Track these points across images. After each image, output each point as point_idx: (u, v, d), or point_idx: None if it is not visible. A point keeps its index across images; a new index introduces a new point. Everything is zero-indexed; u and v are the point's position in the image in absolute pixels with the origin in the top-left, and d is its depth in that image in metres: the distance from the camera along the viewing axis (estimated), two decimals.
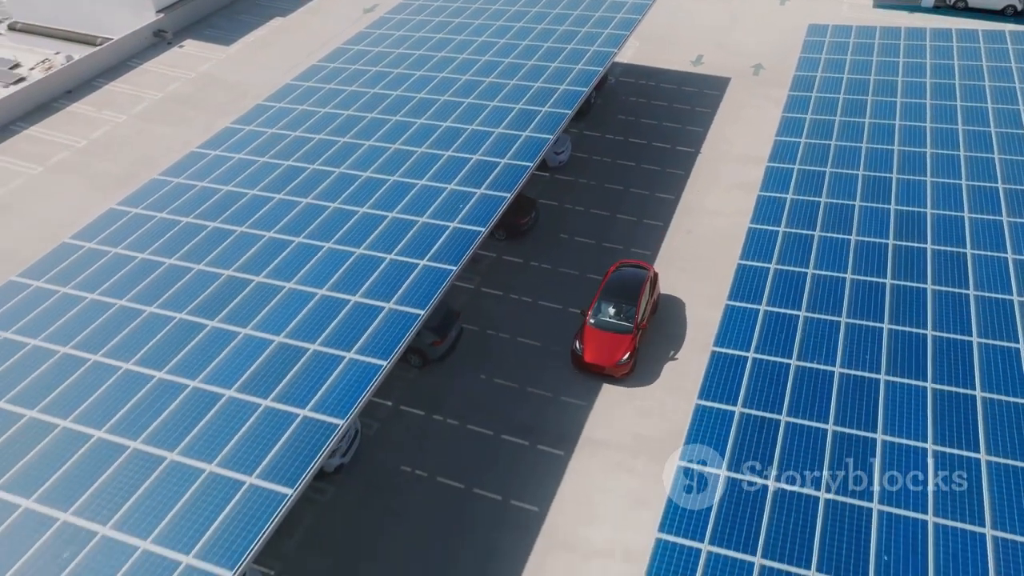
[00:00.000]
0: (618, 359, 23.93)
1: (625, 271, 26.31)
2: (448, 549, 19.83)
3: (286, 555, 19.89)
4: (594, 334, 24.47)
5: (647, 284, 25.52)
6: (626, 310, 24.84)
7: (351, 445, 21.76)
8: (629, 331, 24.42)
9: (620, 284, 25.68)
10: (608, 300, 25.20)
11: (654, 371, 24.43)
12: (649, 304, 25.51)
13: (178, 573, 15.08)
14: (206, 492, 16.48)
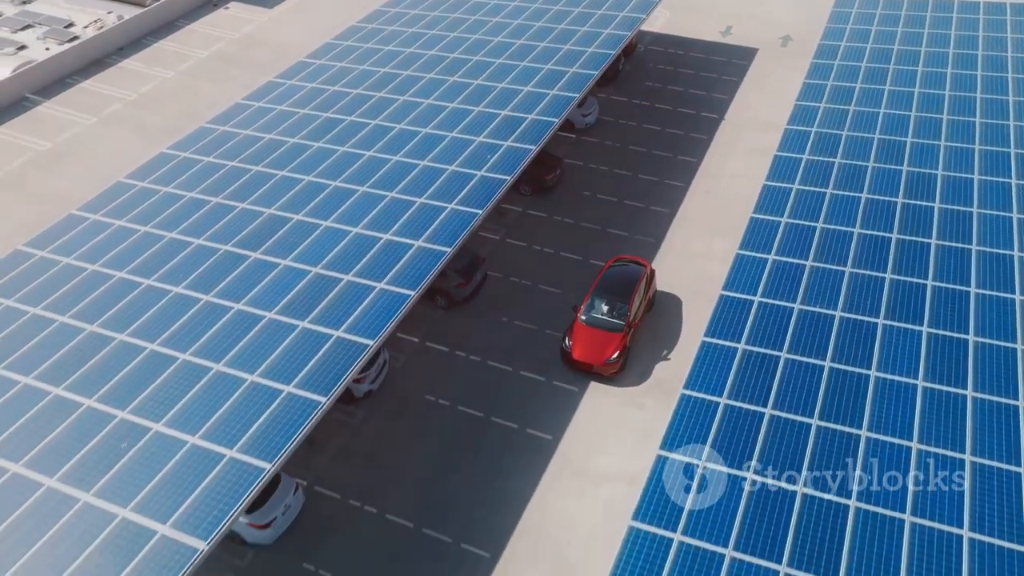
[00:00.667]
0: (607, 357, 23.36)
1: (620, 268, 25.69)
2: (465, 468, 21.36)
3: (317, 468, 21.56)
4: (584, 331, 23.94)
5: (642, 282, 24.92)
6: (618, 308, 24.20)
7: (379, 373, 23.35)
8: (620, 329, 23.81)
9: (614, 281, 25.08)
10: (600, 297, 24.60)
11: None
12: (644, 302, 24.95)
13: (221, 465, 16.80)
14: (248, 398, 18.18)
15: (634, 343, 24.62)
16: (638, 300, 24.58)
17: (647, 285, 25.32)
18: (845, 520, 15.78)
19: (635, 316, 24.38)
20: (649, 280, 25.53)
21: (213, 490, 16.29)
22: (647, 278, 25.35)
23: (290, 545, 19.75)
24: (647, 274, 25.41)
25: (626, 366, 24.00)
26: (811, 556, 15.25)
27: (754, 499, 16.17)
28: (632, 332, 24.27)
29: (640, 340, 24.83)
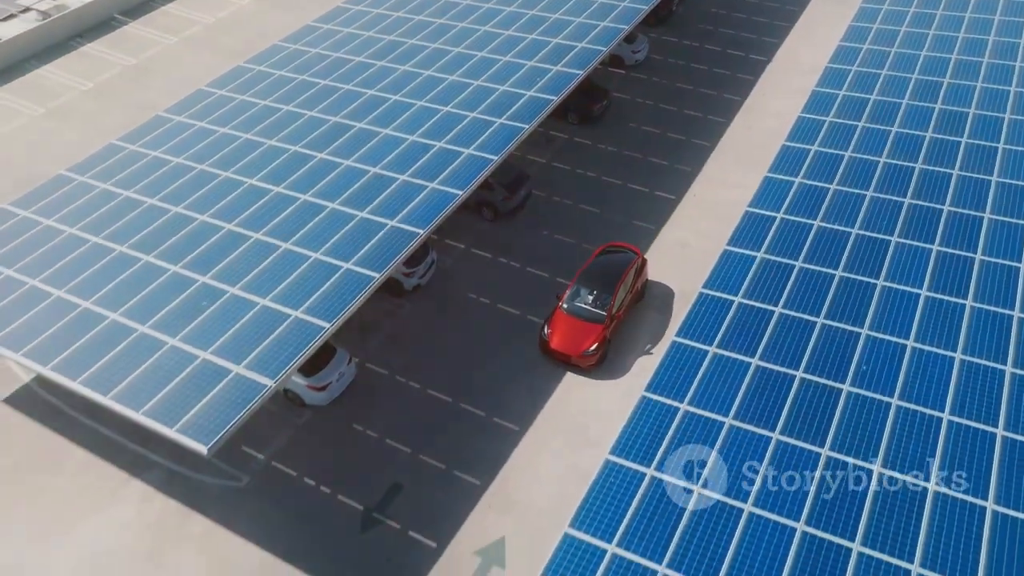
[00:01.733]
0: (584, 349, 22.53)
1: (609, 256, 24.75)
2: (501, 357, 23.53)
3: (369, 349, 23.98)
4: (564, 320, 23.14)
5: (629, 271, 23.92)
6: (601, 298, 23.32)
7: (428, 270, 25.58)
8: (601, 320, 22.91)
9: (600, 269, 24.14)
10: (584, 285, 23.72)
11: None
12: (630, 293, 23.99)
13: (288, 322, 19.28)
14: (313, 271, 20.61)
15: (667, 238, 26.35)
16: (623, 292, 23.56)
17: (636, 275, 24.30)
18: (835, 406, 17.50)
19: (618, 308, 23.40)
20: (639, 270, 24.48)
21: (280, 342, 18.78)
22: (637, 268, 24.33)
23: (342, 409, 22.27)
24: (637, 264, 24.37)
25: (605, 358, 23.24)
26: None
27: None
28: (615, 325, 23.36)
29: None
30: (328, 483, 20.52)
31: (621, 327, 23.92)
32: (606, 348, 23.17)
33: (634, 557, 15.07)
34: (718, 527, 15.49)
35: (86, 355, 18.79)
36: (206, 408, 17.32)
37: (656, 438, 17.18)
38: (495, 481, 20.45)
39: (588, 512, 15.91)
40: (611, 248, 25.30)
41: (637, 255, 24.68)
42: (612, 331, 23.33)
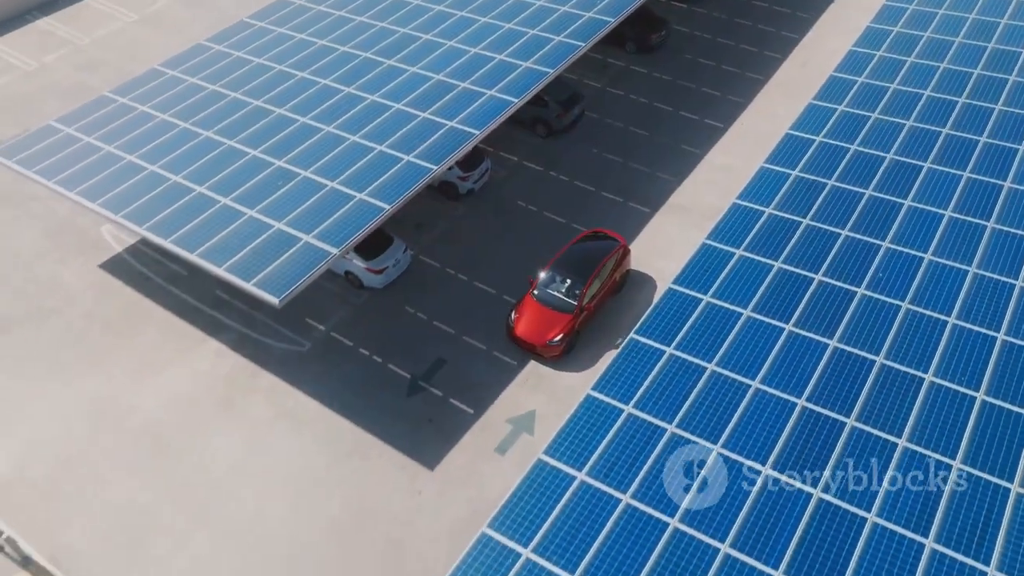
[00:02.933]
0: (548, 339, 21.97)
1: (589, 243, 23.92)
2: (542, 257, 25.26)
3: (423, 245, 26.02)
4: (532, 307, 22.54)
5: (607, 262, 23.13)
6: (573, 288, 22.60)
7: (481, 177, 27.40)
8: (570, 311, 22.23)
9: (576, 257, 23.27)
10: (557, 273, 22.96)
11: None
12: (606, 284, 23.13)
13: (352, 203, 21.39)
14: (377, 160, 22.72)
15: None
16: (597, 283, 22.79)
17: (616, 266, 23.49)
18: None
19: (590, 299, 22.65)
20: (619, 261, 23.60)
21: (344, 218, 20.93)
22: (617, 258, 23.50)
23: (396, 292, 24.44)
24: (617, 255, 23.51)
25: (572, 350, 22.68)
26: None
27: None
28: (585, 316, 22.63)
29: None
30: (380, 354, 22.78)
31: (603, 317, 23.47)
32: (573, 340, 22.44)
33: (647, 416, 16.89)
34: (727, 395, 17.19)
35: (176, 220, 21.23)
36: (278, 268, 19.61)
37: (678, 322, 18.84)
38: (531, 363, 22.42)
39: (610, 378, 17.78)
40: (594, 234, 24.41)
41: (620, 244, 23.78)
42: (582, 323, 22.54)
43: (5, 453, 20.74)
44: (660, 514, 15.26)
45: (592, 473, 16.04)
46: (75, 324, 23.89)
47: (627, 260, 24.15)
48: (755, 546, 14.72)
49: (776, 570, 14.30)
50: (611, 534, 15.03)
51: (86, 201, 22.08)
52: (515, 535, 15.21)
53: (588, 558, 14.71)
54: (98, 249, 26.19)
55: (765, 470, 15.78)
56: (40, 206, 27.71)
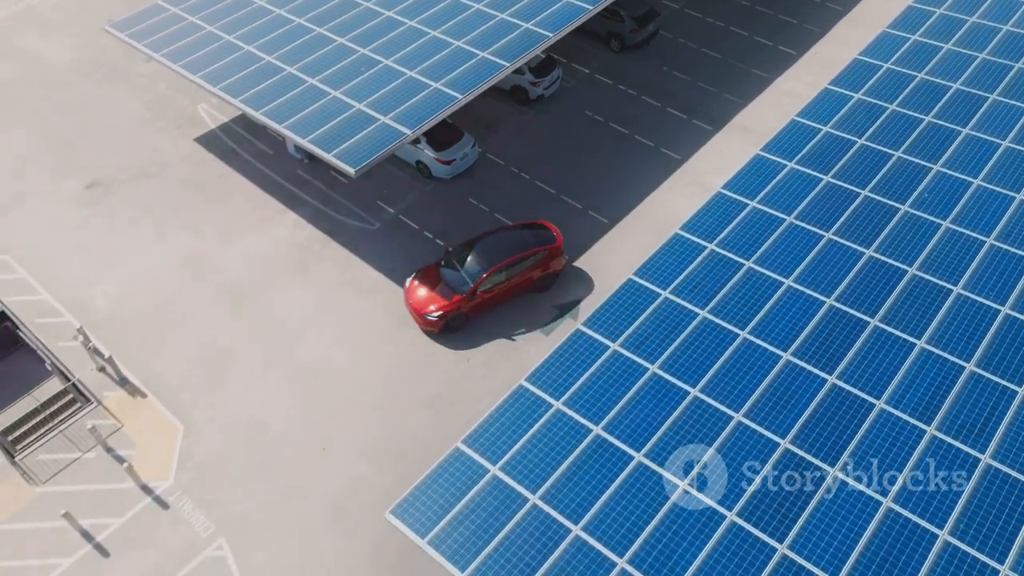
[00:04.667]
0: (427, 311, 21.62)
1: (519, 233, 22.94)
2: (606, 163, 26.49)
3: (491, 143, 27.44)
4: (429, 276, 22.29)
5: (521, 258, 22.07)
6: (474, 271, 21.91)
7: (553, 83, 28.49)
8: (460, 293, 21.63)
9: (494, 243, 22.49)
10: (467, 251, 22.42)
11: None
12: (516, 280, 22.15)
13: (428, 90, 22.86)
14: (454, 55, 24.12)
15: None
16: (501, 276, 21.90)
17: (536, 266, 22.37)
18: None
19: (487, 289, 21.87)
20: (543, 261, 22.46)
21: (420, 104, 22.52)
22: (539, 259, 22.38)
23: (462, 184, 26.04)
24: (540, 255, 22.38)
25: (455, 330, 22.17)
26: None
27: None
28: (478, 304, 21.95)
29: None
30: (442, 237, 24.52)
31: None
32: (458, 322, 21.92)
33: (682, 301, 18.21)
34: (759, 289, 18.35)
35: (267, 95, 23.13)
36: (356, 143, 21.36)
37: (723, 222, 19.94)
38: (580, 258, 23.85)
39: (652, 266, 19.11)
40: (536, 226, 23.29)
41: (550, 246, 22.52)
42: (472, 308, 21.92)
43: (108, 290, 23.37)
44: (682, 383, 16.71)
45: (625, 344, 17.54)
46: (172, 188, 26.27)
47: (556, 262, 22.65)
48: (767, 417, 16.07)
49: (783, 439, 15.66)
50: (635, 397, 16.58)
51: (188, 73, 24.13)
52: (548, 389, 16.90)
53: (612, 414, 16.32)
54: (194, 124, 28.42)
55: (786, 356, 17.01)
56: (144, 82, 30.05)
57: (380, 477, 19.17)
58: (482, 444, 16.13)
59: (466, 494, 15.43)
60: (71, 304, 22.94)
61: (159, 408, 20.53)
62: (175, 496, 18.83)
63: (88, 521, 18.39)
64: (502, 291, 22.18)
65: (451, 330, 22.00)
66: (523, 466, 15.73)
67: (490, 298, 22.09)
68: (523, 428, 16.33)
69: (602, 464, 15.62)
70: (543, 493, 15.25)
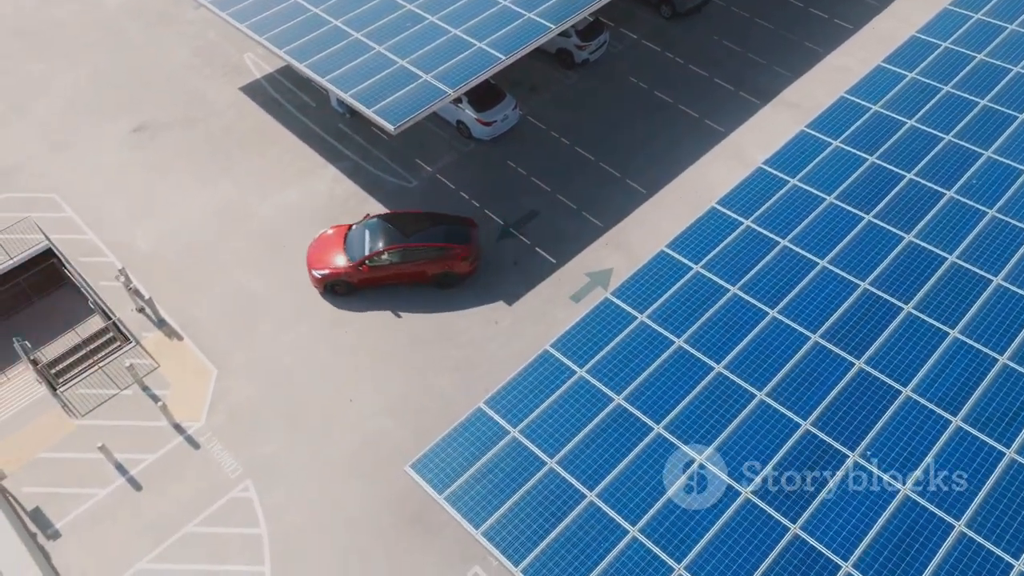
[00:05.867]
0: (315, 267, 21.85)
1: (433, 223, 22.33)
2: (647, 131, 26.17)
3: (533, 106, 27.26)
4: (336, 235, 22.39)
5: (417, 247, 21.64)
6: (369, 244, 21.72)
7: (599, 48, 28.11)
8: (351, 261, 21.61)
9: (402, 224, 22.16)
10: (378, 225, 22.16)
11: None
12: (409, 267, 21.76)
13: (472, 49, 22.76)
14: (501, 13, 23.95)
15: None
16: (392, 257, 21.64)
17: (433, 261, 21.78)
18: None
19: (373, 267, 21.63)
20: (442, 259, 21.78)
21: (463, 64, 22.55)
22: (439, 256, 21.74)
23: (501, 146, 25.99)
24: (440, 252, 21.73)
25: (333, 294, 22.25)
26: None
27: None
28: (363, 279, 21.83)
29: None
30: (478, 199, 24.57)
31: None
32: (340, 287, 21.94)
33: (713, 276, 18.09)
34: (793, 269, 18.14)
35: (312, 47, 23.25)
36: (397, 100, 21.43)
37: (760, 199, 19.68)
38: (616, 227, 23.76)
39: (685, 239, 18.98)
40: (453, 220, 22.65)
41: (455, 247, 21.76)
42: (360, 280, 21.81)
43: (150, 233, 23.95)
44: (707, 359, 16.69)
45: (652, 316, 17.53)
46: (215, 135, 26.64)
47: (459, 264, 21.92)
48: (789, 398, 16.01)
49: (805, 420, 15.60)
50: (659, 368, 16.61)
51: (235, 21, 24.31)
52: (573, 356, 17.00)
53: (635, 384, 16.39)
54: (240, 73, 28.68)
55: (814, 337, 16.85)
56: (193, 29, 30.32)
57: (402, 431, 19.56)
58: (504, 406, 16.35)
59: (485, 454, 15.70)
60: (114, 245, 23.55)
61: (194, 351, 21.11)
62: (206, 437, 19.45)
63: (123, 455, 19.11)
64: (393, 274, 21.85)
65: (335, 294, 22.00)
66: (543, 430, 15.94)
67: (380, 276, 21.82)
68: (545, 393, 16.50)
69: (620, 434, 15.75)
70: (561, 458, 15.46)
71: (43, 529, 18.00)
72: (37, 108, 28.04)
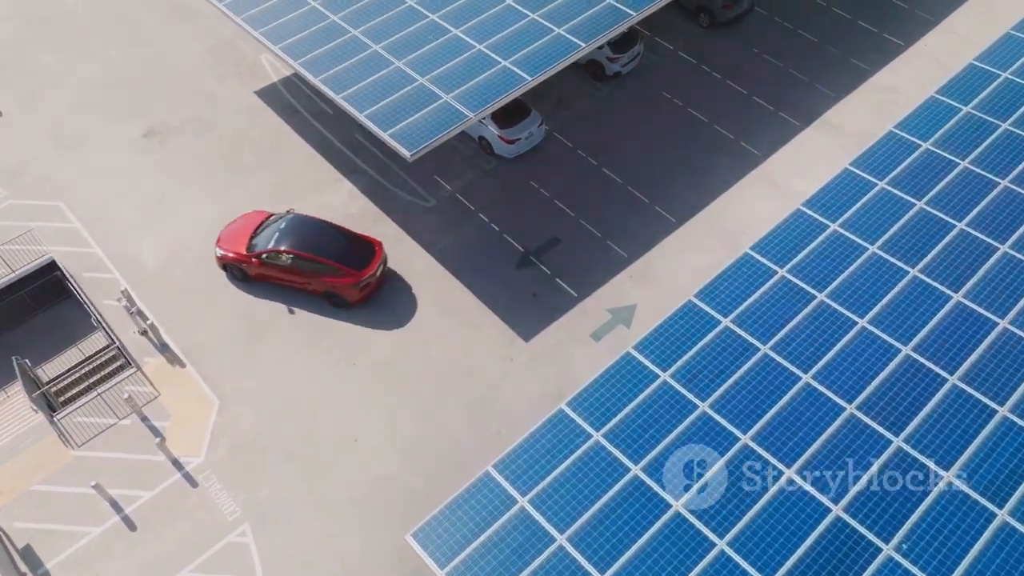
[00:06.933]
0: (218, 245, 22.08)
1: (333, 237, 21.74)
2: (679, 152, 24.80)
3: (560, 121, 25.96)
4: (252, 219, 22.47)
5: (310, 259, 21.14)
6: (270, 241, 21.54)
7: (631, 60, 26.67)
8: (247, 252, 21.65)
9: (304, 229, 21.77)
10: (294, 223, 21.90)
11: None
12: (295, 273, 21.42)
13: (495, 68, 21.48)
14: (528, 28, 22.67)
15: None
16: (281, 260, 21.31)
17: (319, 277, 21.23)
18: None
19: (268, 261, 21.45)
20: (327, 278, 21.16)
21: (486, 83, 21.26)
22: (326, 275, 21.16)
23: (525, 165, 24.76)
24: (328, 271, 21.12)
25: (239, 277, 22.25)
26: None
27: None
28: (251, 267, 21.75)
29: None
30: (498, 222, 23.44)
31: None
32: (235, 271, 22.10)
33: (743, 333, 16.90)
34: (830, 328, 16.88)
35: (328, 59, 22.09)
36: (415, 123, 20.27)
37: (798, 245, 18.36)
38: (641, 258, 22.54)
39: (714, 289, 17.76)
40: (358, 239, 21.92)
41: (341, 268, 21.06)
42: (254, 274, 21.86)
43: (157, 246, 23.13)
44: (733, 427, 15.59)
45: (676, 375, 16.41)
46: (227, 141, 25.68)
47: (344, 289, 21.19)
48: (821, 477, 14.90)
49: (835, 505, 14.49)
50: (681, 437, 15.54)
51: (250, 28, 23.19)
52: (590, 418, 15.96)
53: (654, 453, 15.34)
54: (255, 75, 27.61)
55: (850, 408, 15.66)
56: (208, 24, 29.23)
57: (409, 474, 18.72)
58: (513, 471, 15.38)
59: (492, 524, 14.78)
60: (120, 259, 22.77)
61: (196, 378, 20.35)
62: (204, 475, 18.72)
63: (118, 491, 18.45)
64: (284, 277, 21.71)
65: (233, 276, 22.22)
66: (554, 501, 14.97)
67: (271, 276, 21.73)
68: (558, 458, 15.51)
69: (637, 510, 14.74)
70: (572, 534, 14.50)
71: (33, 569, 17.42)
72: (47, 103, 27.23)
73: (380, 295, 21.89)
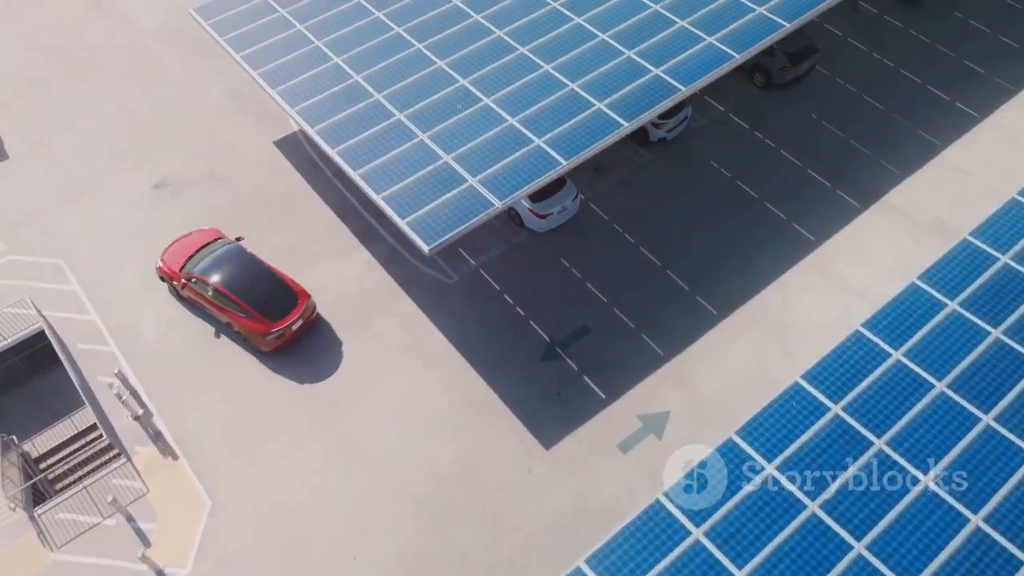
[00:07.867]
0: (161, 258, 21.89)
1: (260, 279, 21.02)
2: (724, 232, 22.73)
3: (596, 190, 24.04)
4: (194, 239, 22.07)
5: (228, 297, 20.58)
6: (203, 267, 21.11)
7: (677, 125, 24.61)
8: (181, 271, 21.34)
9: (237, 264, 21.19)
10: (230, 255, 21.41)
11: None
12: (217, 309, 20.95)
13: (528, 148, 19.63)
14: (565, 101, 20.67)
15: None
16: (207, 291, 20.86)
17: (240, 318, 20.50)
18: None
19: (194, 287, 21.08)
20: (244, 320, 20.45)
21: (516, 165, 19.30)
22: (238, 316, 20.55)
23: (556, 240, 22.91)
24: (245, 312, 20.45)
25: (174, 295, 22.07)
26: None
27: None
28: (180, 286, 21.48)
29: None
30: (524, 305, 21.65)
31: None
32: (171, 288, 21.91)
33: (785, 483, 14.97)
34: (888, 481, 14.93)
35: (348, 127, 20.38)
36: (436, 209, 18.49)
37: (854, 377, 16.32)
38: (678, 356, 20.61)
39: (757, 426, 15.83)
40: (283, 284, 21.08)
41: (254, 313, 20.32)
42: (181, 292, 21.57)
43: (158, 315, 21.72)
44: (844, 534, 13.73)
45: (710, 533, 14.54)
46: (242, 197, 24.22)
47: (255, 337, 20.48)
48: (884, 549, 13.16)
49: None
50: None
51: (267, 85, 21.62)
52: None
53: None
54: (275, 123, 26.06)
55: None
56: (228, 64, 27.40)
57: None
58: None
59: None
60: (118, 330, 21.42)
61: (188, 475, 18.91)
62: None
63: None
64: (207, 307, 21.24)
65: (171, 290, 21.97)
66: None
67: (195, 301, 21.44)
68: None
69: None
70: None
71: None
72: (55, 146, 25.99)
73: (393, 380, 20.29)
